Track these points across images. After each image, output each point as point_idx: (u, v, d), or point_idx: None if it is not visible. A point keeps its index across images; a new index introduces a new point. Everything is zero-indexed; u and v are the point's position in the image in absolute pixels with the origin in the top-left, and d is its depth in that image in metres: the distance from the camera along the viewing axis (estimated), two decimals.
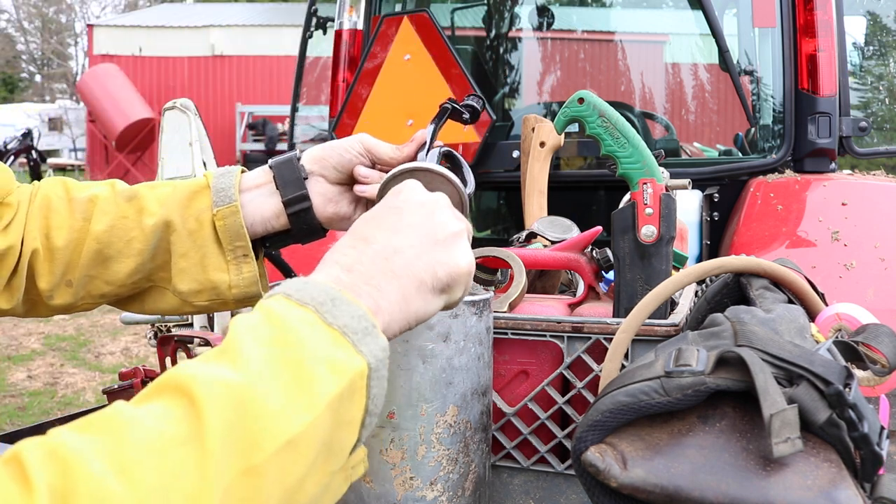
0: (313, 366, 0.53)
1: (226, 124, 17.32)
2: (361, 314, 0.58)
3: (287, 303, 0.57)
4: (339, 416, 0.54)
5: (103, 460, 0.43)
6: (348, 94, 2.23)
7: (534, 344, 0.99)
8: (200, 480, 0.45)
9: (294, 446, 0.50)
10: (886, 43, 2.98)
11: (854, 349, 0.72)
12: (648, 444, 0.64)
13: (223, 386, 0.49)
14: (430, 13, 2.14)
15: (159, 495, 0.44)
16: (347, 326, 0.57)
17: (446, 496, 0.83)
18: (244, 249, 0.91)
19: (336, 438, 0.55)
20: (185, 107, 2.05)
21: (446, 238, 0.67)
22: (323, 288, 0.58)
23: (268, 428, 0.49)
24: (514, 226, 2.65)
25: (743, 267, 0.90)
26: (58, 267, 0.91)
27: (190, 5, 24.74)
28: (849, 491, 0.57)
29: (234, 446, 0.47)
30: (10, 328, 6.26)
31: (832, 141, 1.98)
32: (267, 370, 0.52)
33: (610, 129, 1.04)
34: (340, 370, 0.54)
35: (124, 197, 0.92)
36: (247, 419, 0.49)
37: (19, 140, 13.69)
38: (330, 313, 0.57)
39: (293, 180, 0.92)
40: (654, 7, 3.96)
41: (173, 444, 0.46)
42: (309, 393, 0.52)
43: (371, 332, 0.57)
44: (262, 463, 0.48)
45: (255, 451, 0.48)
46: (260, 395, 0.50)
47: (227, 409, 0.48)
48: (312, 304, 0.57)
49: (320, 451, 0.53)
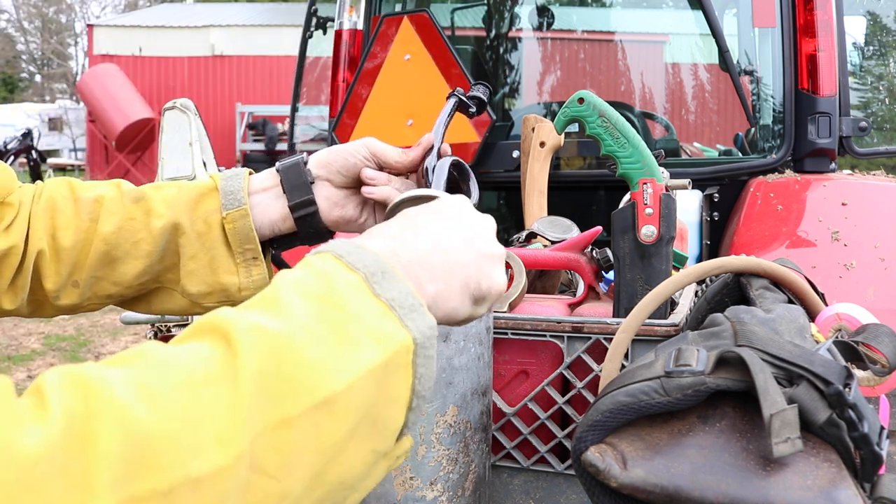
0: (357, 331, 0.52)
1: (226, 124, 17.32)
2: (410, 291, 0.56)
3: (336, 263, 0.56)
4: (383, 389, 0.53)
5: (129, 388, 0.42)
6: (348, 94, 2.23)
7: (534, 344, 0.99)
8: (231, 422, 0.44)
9: (331, 406, 0.49)
10: (886, 43, 2.98)
11: (854, 349, 0.72)
12: (648, 444, 0.64)
13: (262, 331, 0.48)
14: (430, 13, 2.14)
15: (188, 429, 0.42)
16: (395, 300, 0.55)
17: (446, 496, 0.83)
18: (254, 252, 0.92)
19: (381, 414, 0.53)
20: (185, 107, 2.05)
21: (493, 256, 0.68)
22: (375, 257, 0.57)
23: (303, 381, 0.48)
24: (514, 226, 2.65)
25: (743, 267, 0.90)
26: (64, 267, 0.91)
27: (190, 5, 24.74)
28: (849, 491, 0.57)
29: (269, 395, 0.46)
30: (10, 328, 6.26)
31: (832, 141, 1.98)
32: (309, 323, 0.50)
33: (610, 129, 1.04)
34: (385, 340, 0.53)
35: (131, 198, 0.93)
36: (283, 369, 0.47)
37: (19, 140, 13.69)
38: (379, 284, 0.55)
39: (299, 185, 0.93)
40: (654, 7, 3.96)
41: (205, 382, 0.44)
42: (350, 355, 0.51)
43: (418, 310, 0.56)
44: (296, 416, 0.47)
45: (289, 402, 0.47)
46: (298, 347, 0.49)
47: (263, 355, 0.47)
48: (364, 270, 0.55)
49: (362, 420, 0.51)
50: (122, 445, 0.39)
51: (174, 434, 0.41)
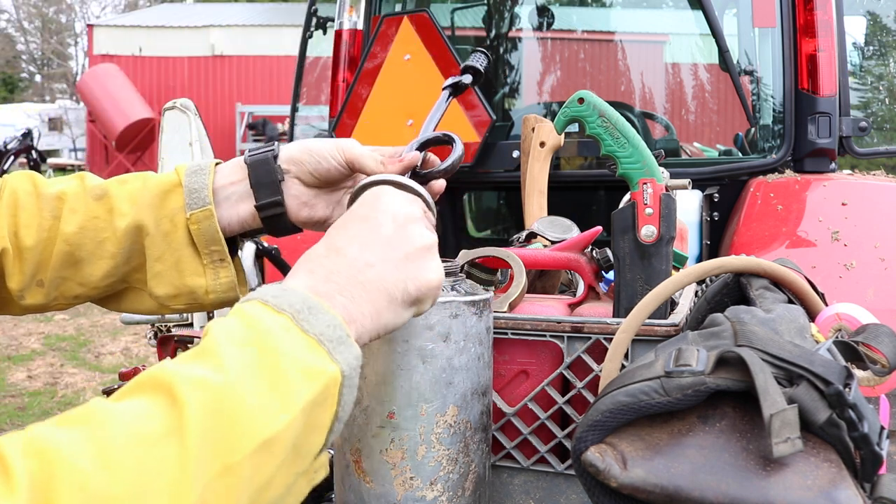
0: (289, 370, 0.54)
1: (226, 124, 17.32)
2: (337, 323, 0.59)
3: (264, 308, 0.58)
4: (311, 421, 0.56)
5: (84, 451, 0.44)
6: (348, 94, 2.23)
7: (534, 344, 0.99)
8: (181, 477, 0.46)
9: (268, 447, 0.51)
10: (886, 43, 2.97)
11: (854, 349, 0.72)
12: (648, 444, 0.64)
13: (203, 385, 0.50)
14: (430, 13, 2.14)
15: (142, 489, 0.44)
16: (323, 334, 0.58)
17: (446, 496, 0.83)
18: (220, 254, 0.89)
19: (305, 442, 0.56)
20: (185, 107, 2.05)
21: (417, 252, 0.69)
22: (300, 296, 0.59)
23: (246, 428, 0.50)
24: (514, 226, 2.64)
25: (743, 267, 0.90)
26: (28, 267, 0.87)
27: (190, 5, 24.73)
28: (849, 491, 0.57)
29: (214, 445, 0.48)
30: (10, 328, 6.26)
31: (832, 141, 1.98)
32: (245, 371, 0.53)
33: (610, 129, 1.04)
34: (315, 376, 0.56)
35: (93, 195, 0.89)
36: (226, 419, 0.50)
37: (19, 140, 13.69)
38: (306, 321, 0.58)
39: (268, 183, 0.89)
40: (654, 7, 3.96)
41: (154, 440, 0.46)
42: (285, 396, 0.53)
43: (345, 342, 0.59)
44: (238, 462, 0.49)
45: (233, 450, 0.49)
46: (239, 396, 0.51)
47: (207, 408, 0.49)
48: (290, 310, 0.58)
49: (289, 453, 0.54)
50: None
51: (130, 496, 0.43)
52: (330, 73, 2.49)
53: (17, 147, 13.57)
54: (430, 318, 0.81)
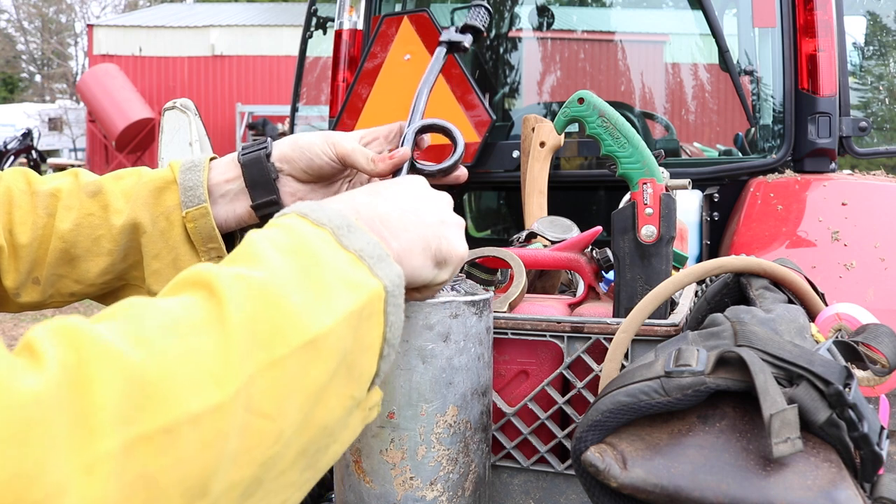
0: (332, 279, 0.53)
1: (226, 124, 17.32)
2: (375, 242, 0.58)
3: (303, 221, 0.57)
4: (358, 335, 0.54)
5: (120, 336, 0.42)
6: (348, 94, 2.23)
7: (534, 344, 0.99)
8: (224, 363, 0.44)
9: (315, 347, 0.50)
10: (886, 43, 2.98)
11: (854, 349, 0.72)
12: (648, 444, 0.64)
13: (244, 279, 0.49)
14: (430, 13, 2.14)
15: (184, 370, 0.42)
16: (363, 251, 0.57)
17: (446, 496, 0.83)
18: (218, 251, 0.88)
19: (356, 360, 0.54)
20: (185, 107, 2.05)
21: (451, 223, 0.70)
22: (339, 213, 0.59)
23: (290, 322, 0.49)
24: (514, 226, 2.65)
25: (743, 267, 0.90)
26: (23, 265, 0.87)
27: (190, 5, 24.74)
28: (849, 491, 0.57)
29: (257, 337, 0.47)
30: (10, 328, 6.26)
31: (832, 141, 1.98)
32: (288, 272, 0.51)
33: (610, 129, 1.04)
34: (358, 288, 0.54)
35: (88, 192, 0.88)
36: (269, 312, 0.48)
37: (19, 140, 13.69)
38: (346, 237, 0.57)
39: (263, 182, 0.89)
40: (654, 7, 3.96)
41: (194, 328, 0.45)
42: (329, 301, 0.52)
43: (385, 259, 0.58)
44: (284, 357, 0.48)
45: (277, 343, 0.48)
46: (281, 292, 0.50)
47: (248, 301, 0.48)
48: (329, 225, 0.57)
49: (340, 364, 0.52)
50: (120, 388, 0.39)
51: (171, 374, 0.41)
52: (330, 73, 2.49)
53: (17, 147, 13.58)
54: (430, 318, 0.81)
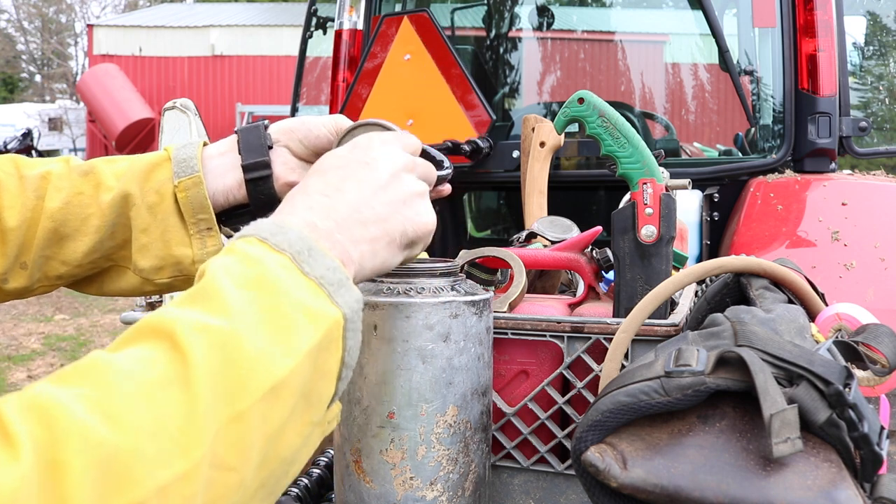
0: (293, 313, 0.53)
1: (226, 124, 17.32)
2: (336, 266, 0.58)
3: (263, 247, 0.57)
4: (318, 366, 0.54)
5: (87, 407, 0.42)
6: (348, 94, 2.23)
7: (534, 344, 0.99)
8: (189, 426, 0.44)
9: (277, 393, 0.50)
10: (886, 43, 2.98)
11: (854, 349, 0.72)
12: (648, 444, 0.64)
13: (205, 330, 0.48)
14: (430, 13, 2.14)
15: (150, 440, 0.42)
16: (323, 277, 0.57)
17: (446, 496, 0.83)
18: (208, 222, 0.88)
19: (314, 389, 0.55)
20: (185, 107, 2.05)
21: (413, 197, 0.70)
22: (299, 235, 0.58)
23: (252, 373, 0.49)
24: (514, 226, 2.65)
25: (743, 267, 0.90)
26: (11, 249, 0.86)
27: (190, 5, 24.74)
28: (849, 491, 0.57)
29: (221, 392, 0.47)
30: (10, 328, 6.26)
31: (832, 141, 1.98)
32: (247, 314, 0.51)
33: (610, 129, 1.04)
34: (318, 319, 0.54)
35: (79, 172, 0.88)
36: (231, 365, 0.48)
37: (19, 140, 13.69)
38: (306, 263, 0.57)
39: (256, 147, 0.89)
40: (654, 7, 3.96)
41: (160, 388, 0.44)
42: (289, 339, 0.52)
43: (345, 284, 0.58)
44: (247, 409, 0.48)
45: (240, 396, 0.48)
46: (243, 340, 0.49)
47: (211, 354, 0.47)
48: (290, 251, 0.57)
49: (299, 400, 0.53)
50: (91, 467, 0.40)
51: (139, 449, 0.42)
52: (330, 73, 2.49)
53: (17, 147, 13.57)
54: (430, 318, 0.81)
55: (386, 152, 0.71)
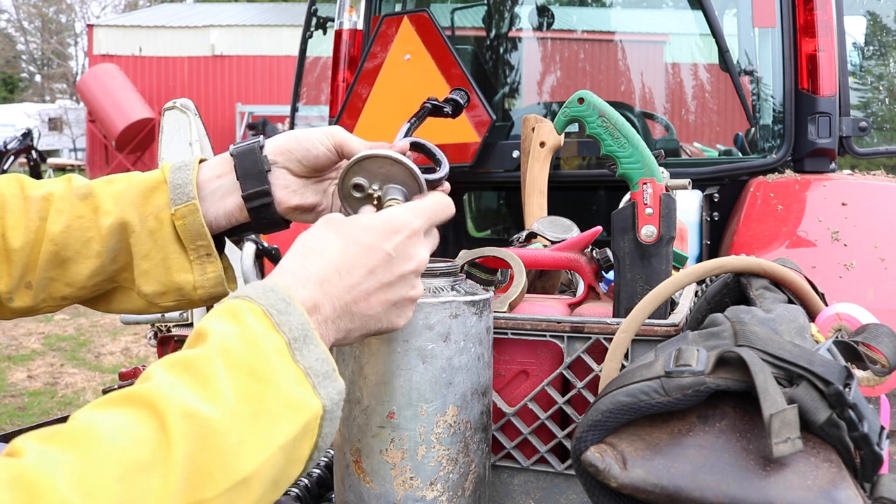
0: (276, 407, 0.57)
1: (226, 124, 17.33)
2: (325, 357, 0.62)
3: (265, 323, 0.60)
4: (290, 455, 0.58)
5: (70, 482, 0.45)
6: (348, 94, 2.23)
7: (534, 344, 0.99)
8: None
9: (245, 484, 0.53)
10: (886, 43, 2.98)
11: (854, 349, 0.72)
12: (648, 444, 0.64)
13: (193, 416, 0.51)
14: (430, 13, 2.13)
15: None
16: (311, 368, 0.60)
17: (446, 496, 0.83)
18: (207, 249, 0.88)
19: (284, 475, 0.58)
20: (185, 107, 2.05)
21: (405, 303, 0.74)
22: (300, 321, 0.62)
23: (225, 466, 0.52)
24: (514, 226, 2.64)
25: (743, 267, 0.90)
26: (16, 269, 0.87)
27: (190, 5, 24.74)
28: (849, 491, 0.57)
29: (192, 480, 0.50)
30: (10, 328, 6.25)
31: (832, 141, 1.98)
32: (236, 405, 0.54)
33: (610, 129, 1.04)
34: (299, 411, 0.58)
35: (79, 195, 0.88)
36: (209, 455, 0.51)
37: (19, 140, 13.66)
38: (299, 351, 0.60)
39: (255, 173, 0.88)
40: (654, 7, 3.96)
41: (140, 471, 0.48)
42: (268, 433, 0.56)
43: (330, 376, 0.62)
44: (212, 499, 0.51)
45: (208, 486, 0.51)
46: (223, 432, 0.53)
47: (193, 444, 0.50)
48: (288, 335, 0.60)
49: (269, 487, 0.56)
50: None
51: None
52: (330, 73, 2.49)
53: (17, 147, 13.55)
54: (430, 318, 0.81)
55: (412, 253, 0.74)
